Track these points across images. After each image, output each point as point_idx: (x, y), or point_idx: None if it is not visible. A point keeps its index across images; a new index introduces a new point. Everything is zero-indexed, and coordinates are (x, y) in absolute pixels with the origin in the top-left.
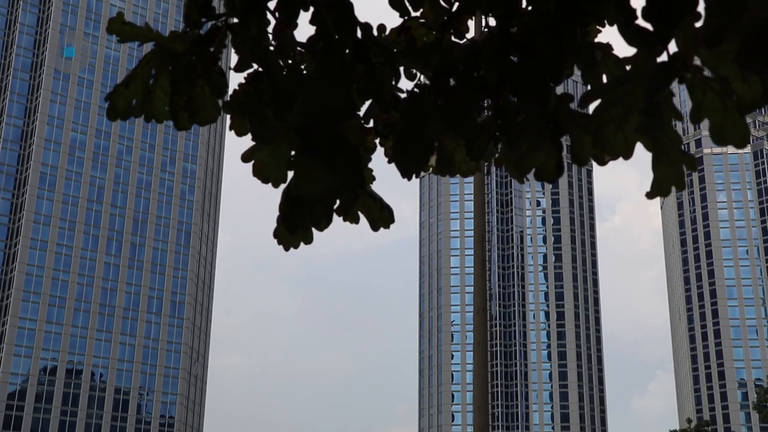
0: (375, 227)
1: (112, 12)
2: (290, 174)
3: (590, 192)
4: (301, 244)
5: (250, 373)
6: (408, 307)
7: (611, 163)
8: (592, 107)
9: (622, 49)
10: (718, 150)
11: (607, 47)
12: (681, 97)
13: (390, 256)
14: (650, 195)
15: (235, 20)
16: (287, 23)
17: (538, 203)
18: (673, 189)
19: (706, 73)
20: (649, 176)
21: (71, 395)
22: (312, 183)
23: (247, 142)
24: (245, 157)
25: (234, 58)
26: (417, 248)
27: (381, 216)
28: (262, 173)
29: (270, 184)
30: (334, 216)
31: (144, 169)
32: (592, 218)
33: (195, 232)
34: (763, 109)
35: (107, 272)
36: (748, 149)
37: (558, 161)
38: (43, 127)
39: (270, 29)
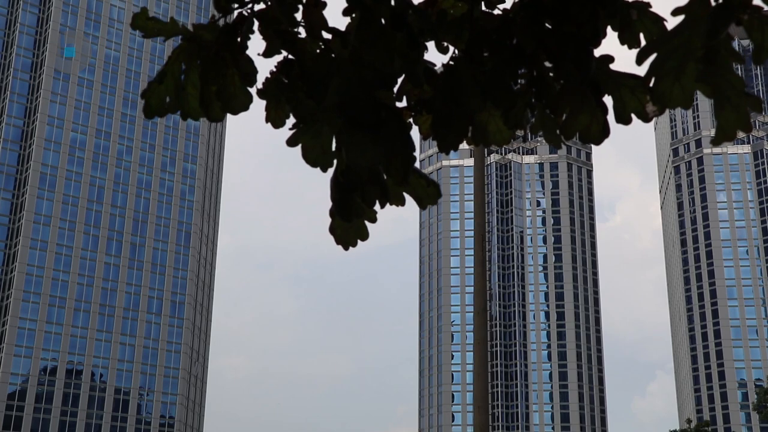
0: (422, 205)
1: (113, 12)
2: (335, 162)
3: (590, 192)
4: (357, 241)
5: (251, 374)
6: (408, 308)
7: (611, 164)
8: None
9: (661, 7)
10: (718, 150)
11: (644, 5)
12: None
13: (390, 256)
14: (716, 141)
15: (261, 6)
16: (316, 2)
17: (538, 203)
18: (674, 190)
19: (765, 11)
20: (650, 176)
21: (71, 395)
22: (362, 153)
23: (249, 141)
24: (291, 142)
25: (258, 49)
26: (417, 248)
27: (427, 192)
28: (310, 157)
29: (271, 185)
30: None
31: (144, 169)
32: (592, 218)
33: (195, 232)
34: (763, 109)
35: (107, 272)
36: (748, 149)
37: (603, 123)
38: (43, 127)
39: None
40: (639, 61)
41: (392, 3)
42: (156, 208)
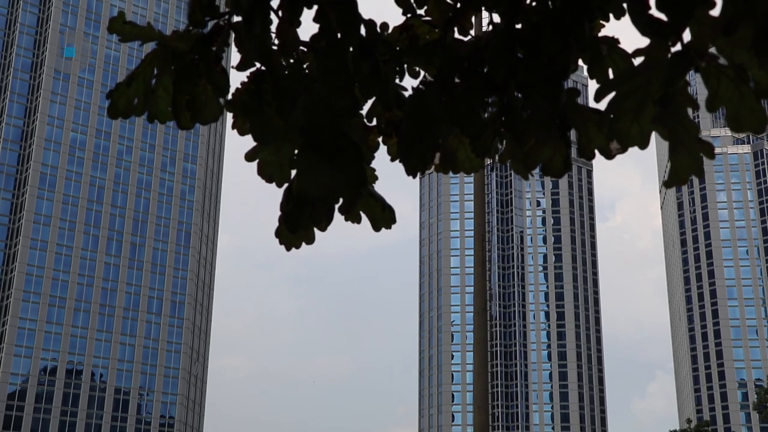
0: (377, 227)
1: (113, 12)
2: (293, 173)
3: (590, 192)
4: (302, 244)
5: (251, 374)
6: (408, 308)
7: (611, 164)
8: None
9: (630, 42)
10: (718, 150)
11: (613, 41)
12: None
13: (390, 256)
14: (668, 184)
15: (238, 19)
16: (291, 21)
17: (538, 203)
18: (674, 190)
19: (721, 61)
20: (650, 176)
21: (71, 395)
22: (314, 182)
23: (248, 141)
24: (249, 157)
25: (236, 57)
26: (417, 248)
27: (383, 216)
28: (266, 172)
29: (273, 184)
30: (336, 216)
31: (144, 169)
32: (592, 218)
33: (195, 232)
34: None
35: (107, 272)
36: (747, 149)
37: (565, 156)
38: (43, 127)
39: (273, 28)
40: (597, 98)
41: (363, 33)
42: (156, 208)
